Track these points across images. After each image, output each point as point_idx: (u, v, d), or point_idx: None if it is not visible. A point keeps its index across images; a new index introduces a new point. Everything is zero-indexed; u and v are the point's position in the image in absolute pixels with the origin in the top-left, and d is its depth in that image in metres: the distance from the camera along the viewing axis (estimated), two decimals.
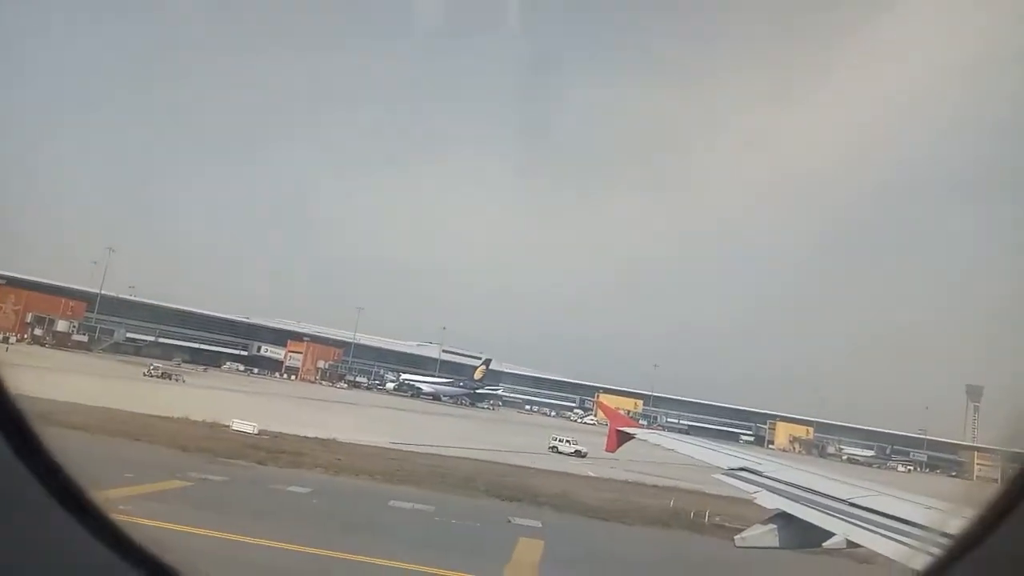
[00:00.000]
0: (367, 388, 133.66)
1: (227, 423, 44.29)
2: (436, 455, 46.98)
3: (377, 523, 25.66)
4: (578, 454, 61.08)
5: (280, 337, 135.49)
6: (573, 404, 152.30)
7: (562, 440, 64.87)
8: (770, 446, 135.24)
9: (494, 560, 21.75)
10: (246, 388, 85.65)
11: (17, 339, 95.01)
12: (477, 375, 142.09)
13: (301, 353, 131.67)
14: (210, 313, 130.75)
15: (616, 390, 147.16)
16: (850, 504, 9.11)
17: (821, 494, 10.01)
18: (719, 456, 14.86)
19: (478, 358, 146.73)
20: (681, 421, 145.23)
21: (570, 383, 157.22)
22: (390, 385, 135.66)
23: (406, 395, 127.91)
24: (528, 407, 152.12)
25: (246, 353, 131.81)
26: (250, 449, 37.08)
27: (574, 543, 27.25)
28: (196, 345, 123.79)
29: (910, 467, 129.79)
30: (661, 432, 33.35)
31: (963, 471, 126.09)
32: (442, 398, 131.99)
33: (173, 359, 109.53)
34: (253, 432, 43.03)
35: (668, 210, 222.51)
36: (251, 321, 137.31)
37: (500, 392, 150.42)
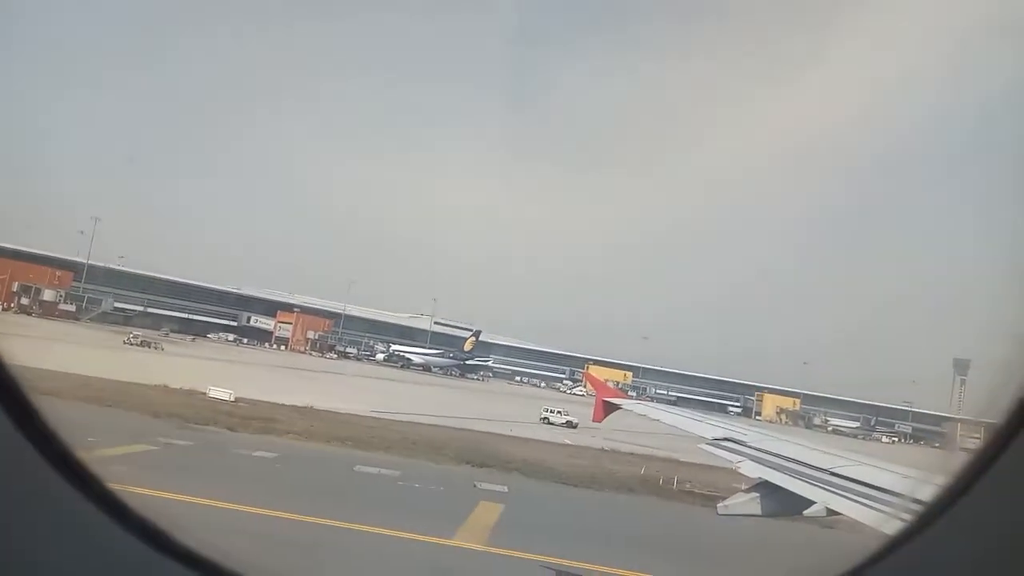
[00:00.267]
0: (357, 359, 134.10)
1: (204, 390, 44.48)
2: (414, 423, 47.34)
3: (338, 487, 25.98)
4: (569, 425, 61.38)
5: (270, 308, 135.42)
6: (563, 376, 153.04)
7: (553, 412, 65.15)
8: (757, 417, 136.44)
9: (449, 522, 22.04)
10: (231, 357, 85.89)
11: (3, 308, 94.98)
12: (467, 346, 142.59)
13: (291, 324, 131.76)
14: (200, 284, 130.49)
15: (606, 362, 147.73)
16: (831, 473, 9.27)
17: (803, 464, 10.18)
18: (703, 427, 15.03)
19: (469, 330, 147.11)
20: (670, 393, 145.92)
21: (560, 355, 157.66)
22: (380, 356, 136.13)
23: (396, 366, 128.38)
24: (518, 378, 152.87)
25: (236, 324, 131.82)
26: (223, 415, 37.35)
27: (535, 507, 27.67)
28: (185, 315, 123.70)
29: (894, 438, 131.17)
30: (647, 403, 33.71)
31: (946, 442, 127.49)
32: (432, 369, 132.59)
33: (161, 329, 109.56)
34: (229, 399, 43.23)
35: (659, 185, 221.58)
36: (241, 292, 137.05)
37: (490, 363, 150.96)
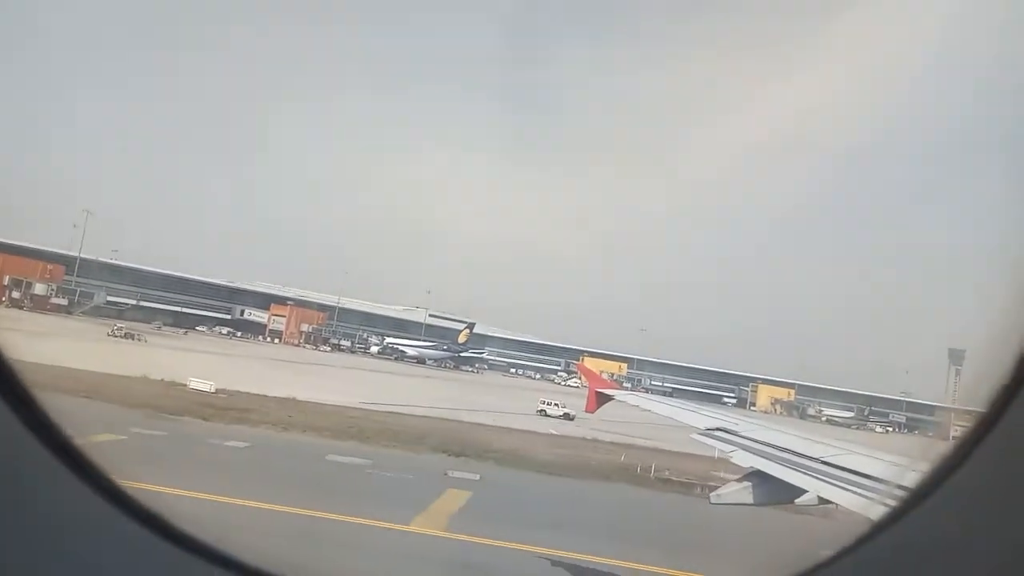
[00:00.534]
0: (351, 352, 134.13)
1: (185, 382, 44.47)
2: (398, 414, 47.33)
3: (305, 475, 26.00)
4: (566, 417, 60.80)
5: (264, 301, 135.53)
6: (558, 367, 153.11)
7: (550, 404, 64.78)
8: (752, 408, 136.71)
9: (410, 509, 22.04)
10: (221, 350, 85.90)
11: None
12: (461, 339, 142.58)
13: (284, 317, 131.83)
14: (194, 277, 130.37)
15: (602, 353, 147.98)
16: (822, 462, 9.33)
17: (795, 453, 10.24)
18: (697, 417, 15.03)
19: (464, 322, 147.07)
20: (665, 384, 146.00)
21: (556, 347, 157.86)
22: (374, 349, 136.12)
23: (390, 358, 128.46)
24: (513, 370, 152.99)
25: (229, 317, 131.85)
26: (200, 406, 37.36)
27: (503, 495, 27.67)
28: (179, 309, 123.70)
29: (888, 428, 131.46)
30: (641, 394, 33.74)
31: (939, 432, 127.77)
32: (427, 361, 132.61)
33: (154, 322, 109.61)
34: (210, 391, 43.25)
35: (653, 175, 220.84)
36: (235, 285, 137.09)
37: (485, 355, 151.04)
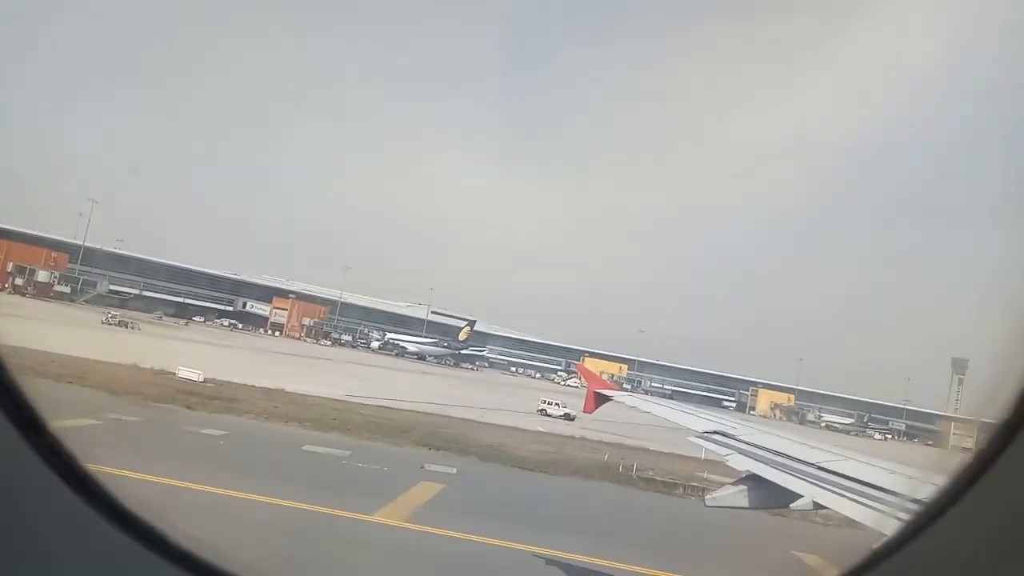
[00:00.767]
0: (352, 346, 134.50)
1: (174, 371, 44.70)
2: (385, 408, 47.40)
3: (278, 464, 26.10)
4: (567, 417, 60.09)
5: (267, 294, 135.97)
6: (559, 367, 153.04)
7: (551, 403, 64.13)
8: (752, 412, 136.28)
9: (377, 500, 22.09)
10: (220, 341, 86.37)
11: None
12: (462, 336, 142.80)
13: (286, 310, 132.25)
14: (197, 268, 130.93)
15: (602, 354, 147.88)
16: (819, 468, 9.33)
17: (791, 458, 10.25)
18: (694, 420, 15.01)
19: (465, 320, 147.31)
20: (665, 386, 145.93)
21: (557, 346, 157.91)
22: (375, 344, 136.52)
23: (391, 354, 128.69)
24: (513, 368, 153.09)
25: (231, 309, 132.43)
26: (184, 395, 37.51)
27: (475, 488, 27.69)
28: (181, 299, 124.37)
29: (887, 435, 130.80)
30: (639, 395, 33.69)
31: (939, 440, 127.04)
32: (427, 358, 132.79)
33: (155, 312, 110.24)
34: (198, 380, 43.42)
35: (658, 177, 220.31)
36: (238, 277, 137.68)
37: (485, 353, 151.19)
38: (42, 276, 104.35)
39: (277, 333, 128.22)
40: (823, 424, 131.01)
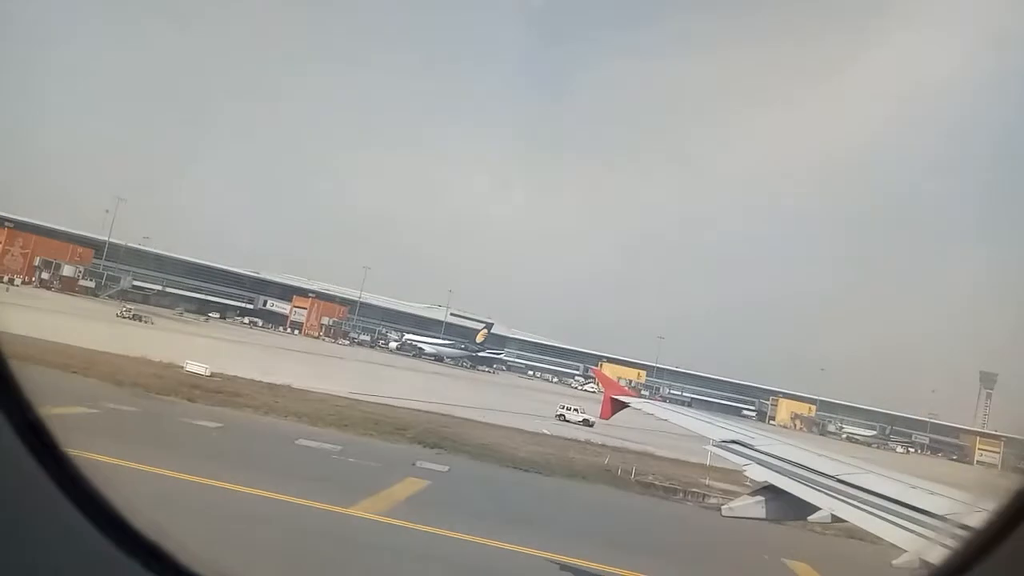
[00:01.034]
0: (370, 346, 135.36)
1: (182, 365, 45.23)
2: (388, 406, 47.45)
3: (267, 456, 26.25)
4: (586, 423, 58.42)
5: (287, 292, 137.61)
6: (576, 372, 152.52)
7: (570, 409, 62.80)
8: (771, 422, 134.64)
9: (358, 494, 22.07)
10: (237, 338, 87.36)
11: (23, 282, 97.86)
12: (478, 338, 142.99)
13: (305, 309, 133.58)
14: (219, 266, 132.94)
15: (621, 360, 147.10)
16: (838, 480, 9.25)
17: (810, 469, 10.15)
18: (713, 428, 14.85)
19: (484, 322, 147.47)
20: (684, 393, 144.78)
21: (575, 351, 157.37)
22: (393, 344, 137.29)
23: (408, 355, 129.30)
24: (531, 372, 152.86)
25: (252, 307, 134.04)
26: (189, 388, 37.84)
27: (463, 486, 27.59)
28: (202, 296, 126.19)
29: (910, 448, 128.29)
30: (657, 403, 33.32)
31: (963, 456, 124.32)
32: (444, 359, 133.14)
33: (176, 308, 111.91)
34: (204, 374, 43.85)
35: (681, 184, 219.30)
36: (259, 276, 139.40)
37: (503, 356, 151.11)
38: (67, 271, 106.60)
39: (296, 332, 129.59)
40: (844, 435, 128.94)
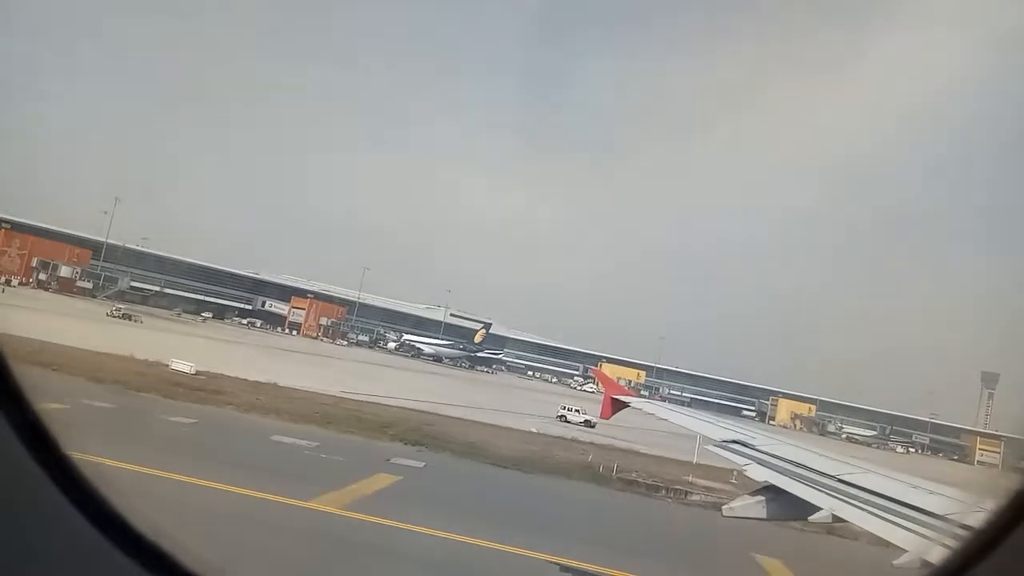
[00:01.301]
0: (369, 347, 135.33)
1: (168, 363, 45.20)
2: (376, 404, 47.34)
3: (238, 451, 26.15)
4: (588, 424, 57.61)
5: (285, 293, 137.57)
6: (576, 372, 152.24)
7: (571, 410, 62.26)
8: (771, 422, 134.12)
9: (323, 488, 21.95)
10: (233, 338, 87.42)
11: (20, 283, 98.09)
12: (477, 338, 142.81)
13: (304, 309, 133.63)
14: (218, 267, 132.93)
15: (621, 360, 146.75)
16: (838, 480, 9.29)
17: (811, 469, 10.20)
18: (713, 428, 14.89)
19: (483, 322, 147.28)
20: (684, 393, 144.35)
21: (575, 351, 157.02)
22: (391, 345, 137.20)
23: (407, 355, 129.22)
24: (530, 373, 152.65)
25: (250, 307, 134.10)
26: (170, 385, 37.80)
27: (435, 482, 27.46)
28: (201, 297, 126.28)
29: (910, 448, 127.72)
30: (657, 402, 33.21)
31: (964, 456, 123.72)
32: (443, 360, 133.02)
33: (174, 309, 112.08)
34: (189, 372, 43.83)
35: (684, 186, 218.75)
36: (258, 276, 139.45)
37: (502, 356, 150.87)
38: (65, 271, 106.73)
39: (295, 332, 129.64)
40: (844, 435, 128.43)
